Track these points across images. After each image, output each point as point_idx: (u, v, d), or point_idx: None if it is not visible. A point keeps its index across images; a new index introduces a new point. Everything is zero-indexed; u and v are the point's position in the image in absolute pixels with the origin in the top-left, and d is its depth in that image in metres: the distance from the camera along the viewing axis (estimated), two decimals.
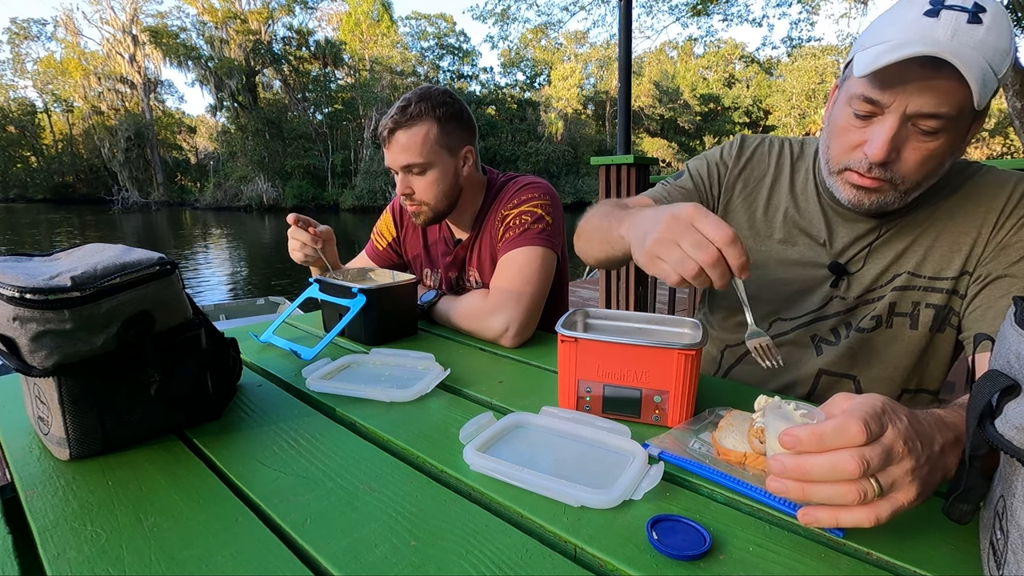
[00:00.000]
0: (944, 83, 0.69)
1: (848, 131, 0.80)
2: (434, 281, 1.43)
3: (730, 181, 1.04)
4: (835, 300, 0.94)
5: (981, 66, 0.67)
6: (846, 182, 0.83)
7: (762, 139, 1.06)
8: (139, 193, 40.67)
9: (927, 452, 0.47)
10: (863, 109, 0.76)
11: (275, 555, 0.49)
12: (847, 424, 0.44)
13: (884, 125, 0.75)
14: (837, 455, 0.44)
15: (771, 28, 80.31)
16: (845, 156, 0.81)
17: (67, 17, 41.54)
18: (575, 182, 35.25)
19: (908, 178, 0.78)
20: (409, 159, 1.20)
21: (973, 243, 0.84)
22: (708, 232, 0.62)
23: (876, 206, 0.82)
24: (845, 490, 0.44)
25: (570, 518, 0.54)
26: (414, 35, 43.38)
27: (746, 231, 1.02)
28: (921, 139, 0.74)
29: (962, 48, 0.67)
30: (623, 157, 3.36)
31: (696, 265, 0.63)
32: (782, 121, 37.85)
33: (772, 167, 1.02)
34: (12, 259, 0.69)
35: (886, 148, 0.74)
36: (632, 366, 0.72)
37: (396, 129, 1.19)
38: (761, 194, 1.02)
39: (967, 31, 0.68)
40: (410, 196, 1.25)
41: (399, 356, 0.97)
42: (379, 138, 1.24)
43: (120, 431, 0.67)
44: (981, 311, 0.82)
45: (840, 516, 0.46)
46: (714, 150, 1.09)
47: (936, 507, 0.49)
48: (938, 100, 0.70)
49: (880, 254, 0.90)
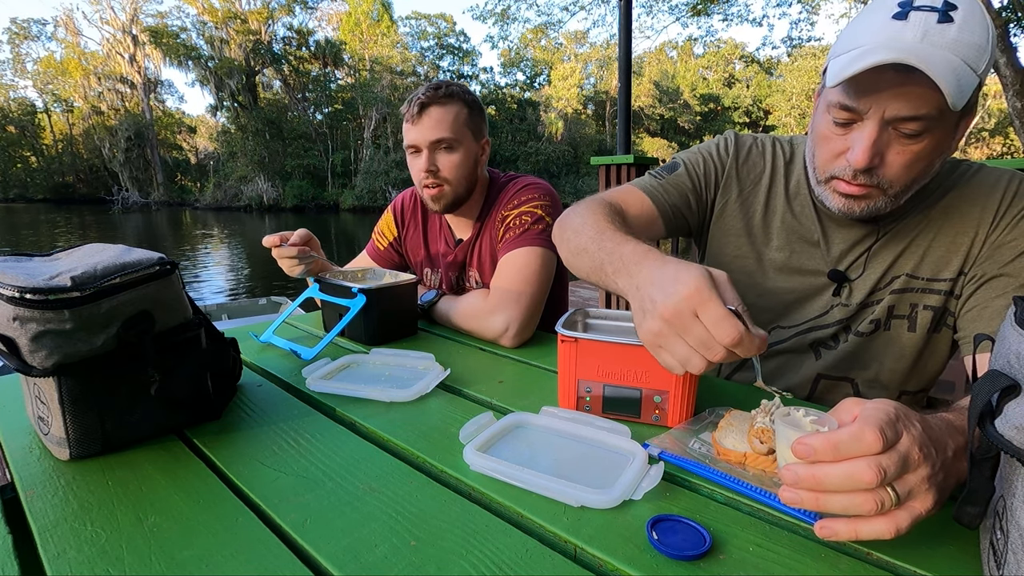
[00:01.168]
0: (917, 88, 0.67)
1: (830, 139, 0.79)
2: (434, 281, 1.44)
3: (727, 182, 1.01)
4: (837, 308, 0.93)
5: (954, 66, 0.65)
6: (834, 191, 0.81)
7: (754, 139, 1.03)
8: (139, 193, 40.68)
9: (941, 458, 0.46)
10: (841, 117, 0.75)
11: (275, 555, 0.49)
12: (863, 432, 0.43)
13: (864, 131, 0.73)
14: (853, 464, 0.43)
15: (771, 28, 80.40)
16: (829, 164, 0.80)
17: (67, 17, 41.55)
18: (575, 182, 35.23)
19: (896, 181, 0.77)
20: (441, 133, 1.21)
21: (971, 243, 0.84)
22: (714, 331, 0.55)
23: (867, 212, 0.81)
24: (861, 500, 0.43)
25: (570, 518, 0.54)
26: (414, 35, 43.38)
27: (743, 237, 0.99)
28: (904, 142, 0.73)
29: (932, 50, 0.65)
30: (623, 157, 3.37)
31: (704, 362, 0.57)
32: (782, 121, 37.84)
33: (768, 169, 0.99)
34: (12, 259, 0.69)
35: (868, 154, 0.73)
36: (632, 366, 0.72)
37: (429, 104, 1.21)
38: (758, 198, 0.99)
39: (938, 31, 0.66)
40: (435, 174, 1.24)
41: (399, 356, 0.97)
42: (405, 115, 1.23)
43: (120, 431, 0.67)
44: (977, 311, 0.82)
45: (860, 528, 0.45)
46: (707, 145, 1.04)
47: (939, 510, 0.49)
48: (914, 103, 0.69)
49: (879, 258, 0.89)
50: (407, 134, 1.24)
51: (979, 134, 34.07)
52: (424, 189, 1.27)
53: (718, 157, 1.02)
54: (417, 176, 1.26)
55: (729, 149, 1.01)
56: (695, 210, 1.02)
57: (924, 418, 0.48)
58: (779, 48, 44.19)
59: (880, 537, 0.45)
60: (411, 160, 1.27)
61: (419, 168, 1.24)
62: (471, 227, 1.34)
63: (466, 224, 1.35)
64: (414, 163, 1.26)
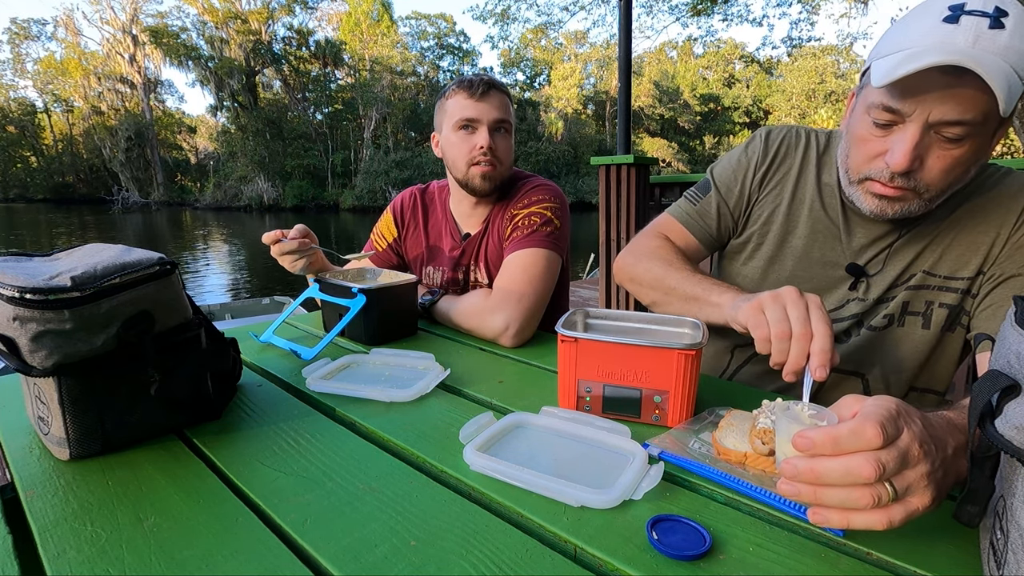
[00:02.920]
0: (967, 91, 0.67)
1: (868, 140, 0.78)
2: (436, 280, 1.43)
3: (755, 183, 1.02)
4: (853, 303, 0.93)
5: (1005, 72, 0.64)
6: (868, 192, 0.81)
7: (788, 129, 1.03)
8: (139, 193, 40.70)
9: (941, 455, 0.46)
10: (883, 118, 0.74)
11: (275, 555, 0.49)
12: (863, 427, 0.43)
13: (906, 133, 0.73)
14: (852, 459, 0.43)
15: (771, 28, 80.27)
16: (866, 166, 0.80)
17: (67, 17, 41.56)
18: (575, 182, 35.24)
19: (933, 186, 0.76)
20: (504, 115, 1.27)
21: (992, 243, 0.83)
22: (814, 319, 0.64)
23: (900, 215, 0.80)
24: (859, 494, 0.44)
25: (570, 518, 0.54)
26: (414, 35, 43.40)
27: (769, 223, 1.00)
28: (945, 146, 0.72)
29: (984, 55, 0.65)
30: (623, 157, 3.37)
31: (789, 330, 0.65)
32: (782, 121, 37.83)
33: (799, 159, 0.99)
34: (12, 259, 0.69)
35: (909, 157, 0.73)
36: (632, 366, 0.72)
37: (493, 87, 1.25)
38: (787, 186, 0.99)
39: (989, 37, 0.65)
40: (493, 151, 1.26)
41: (399, 356, 0.97)
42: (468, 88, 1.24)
43: (120, 431, 0.67)
44: (992, 311, 0.81)
45: (852, 518, 0.45)
46: (737, 151, 1.06)
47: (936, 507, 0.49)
48: (962, 108, 0.68)
49: (900, 255, 0.89)
50: (465, 110, 1.24)
51: None
52: (475, 166, 1.26)
53: (747, 160, 1.03)
54: (470, 153, 1.25)
55: (758, 149, 1.03)
56: (731, 222, 1.05)
57: (925, 415, 0.48)
58: (779, 48, 44.12)
59: (872, 528, 0.45)
60: (461, 136, 1.26)
61: (475, 144, 1.25)
62: (480, 221, 1.35)
63: (476, 217, 1.36)
64: (466, 140, 1.25)
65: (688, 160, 40.92)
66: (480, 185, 1.28)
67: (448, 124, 1.27)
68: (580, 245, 11.83)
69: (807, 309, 0.65)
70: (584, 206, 30.82)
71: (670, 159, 39.64)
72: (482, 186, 1.28)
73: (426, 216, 1.44)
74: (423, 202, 1.45)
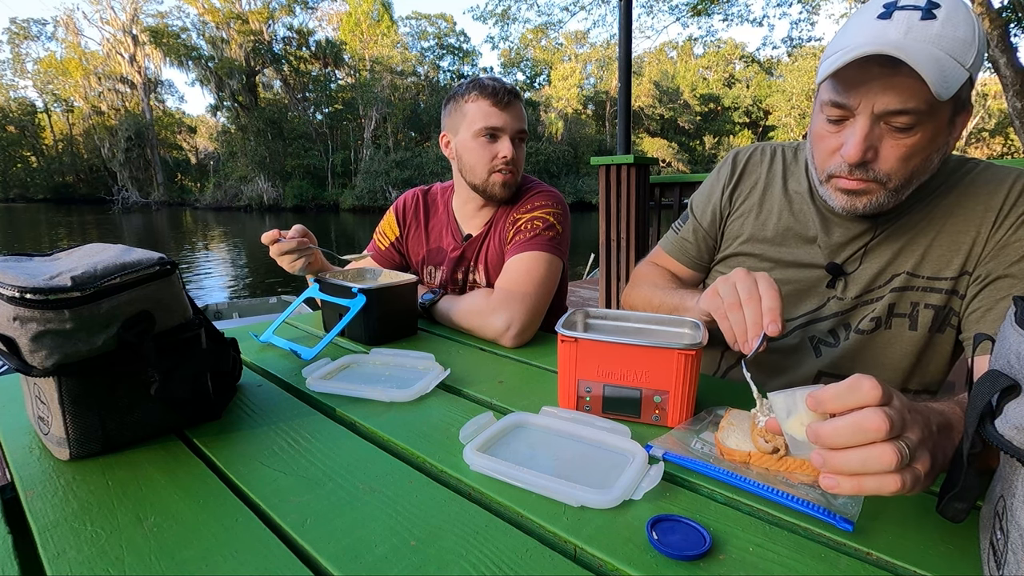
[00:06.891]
0: (905, 80, 0.70)
1: (824, 137, 0.82)
2: (436, 279, 1.44)
3: (725, 201, 1.08)
4: (832, 301, 0.95)
5: (937, 58, 0.67)
6: (836, 188, 0.83)
7: (755, 147, 1.10)
8: (139, 193, 40.72)
9: (928, 428, 0.48)
10: (833, 114, 0.78)
11: (275, 555, 0.49)
12: (859, 381, 0.45)
13: (856, 126, 0.76)
14: (859, 413, 0.44)
15: (771, 28, 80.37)
16: (827, 162, 0.83)
17: (67, 17, 41.59)
18: (575, 182, 35.24)
19: (893, 175, 0.78)
20: (524, 126, 1.30)
21: (972, 242, 0.84)
22: (762, 287, 0.69)
23: (870, 208, 0.82)
24: (879, 451, 0.43)
25: (570, 518, 0.54)
26: (414, 35, 43.41)
27: (744, 239, 1.04)
28: (897, 136, 0.75)
29: (915, 43, 0.68)
30: (623, 157, 3.37)
31: (738, 299, 0.69)
32: (782, 121, 37.84)
33: (764, 174, 1.05)
34: (12, 259, 0.69)
35: (860, 148, 0.76)
36: (632, 366, 0.72)
37: (516, 97, 1.26)
38: (754, 199, 1.05)
39: (920, 27, 0.69)
40: (514, 161, 1.27)
41: (399, 356, 0.97)
42: (493, 96, 1.24)
43: (120, 431, 0.67)
44: (981, 312, 0.82)
45: (864, 482, 0.45)
46: (711, 176, 1.13)
47: (934, 506, 0.49)
48: (903, 97, 0.72)
49: (877, 254, 0.90)
50: (490, 118, 1.24)
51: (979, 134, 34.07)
52: (497, 174, 1.27)
53: (717, 181, 1.10)
54: (492, 161, 1.26)
55: (725, 170, 1.09)
56: (710, 242, 1.11)
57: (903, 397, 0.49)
58: (779, 48, 44.23)
59: (884, 491, 0.44)
60: (482, 143, 1.26)
61: (497, 152, 1.25)
62: (483, 223, 1.35)
63: (479, 219, 1.36)
64: (488, 147, 1.25)
65: (688, 160, 40.94)
66: (500, 192, 1.29)
67: (468, 128, 1.26)
68: (580, 245, 11.83)
69: (755, 283, 0.69)
70: (584, 206, 30.82)
71: (670, 159, 39.64)
72: (502, 193, 1.29)
73: (427, 216, 1.45)
74: (425, 202, 1.46)
